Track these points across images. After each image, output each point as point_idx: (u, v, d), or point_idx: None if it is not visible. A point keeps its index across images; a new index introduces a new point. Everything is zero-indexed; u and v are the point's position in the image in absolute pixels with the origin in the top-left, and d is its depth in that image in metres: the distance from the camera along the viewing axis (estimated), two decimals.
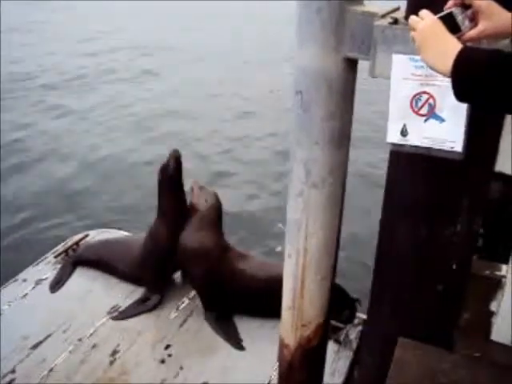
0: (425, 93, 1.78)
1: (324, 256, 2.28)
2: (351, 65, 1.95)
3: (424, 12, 1.46)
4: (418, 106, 1.81)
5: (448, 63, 1.35)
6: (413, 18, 1.48)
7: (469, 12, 1.47)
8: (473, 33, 1.47)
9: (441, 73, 1.40)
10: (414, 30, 1.47)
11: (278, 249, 5.65)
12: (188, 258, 3.84)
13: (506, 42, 1.58)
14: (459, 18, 1.46)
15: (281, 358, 2.64)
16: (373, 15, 1.81)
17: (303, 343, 2.49)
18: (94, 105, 10.36)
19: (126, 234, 4.86)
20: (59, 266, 4.35)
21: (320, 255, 2.27)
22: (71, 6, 18.67)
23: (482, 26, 1.47)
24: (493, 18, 1.47)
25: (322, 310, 2.43)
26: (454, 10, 1.46)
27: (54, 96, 10.80)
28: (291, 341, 2.50)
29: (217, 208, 3.89)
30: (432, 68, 1.44)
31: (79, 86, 11.40)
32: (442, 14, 1.45)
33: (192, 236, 3.81)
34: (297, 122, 2.06)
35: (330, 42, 1.87)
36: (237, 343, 3.63)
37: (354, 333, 3.72)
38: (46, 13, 17.93)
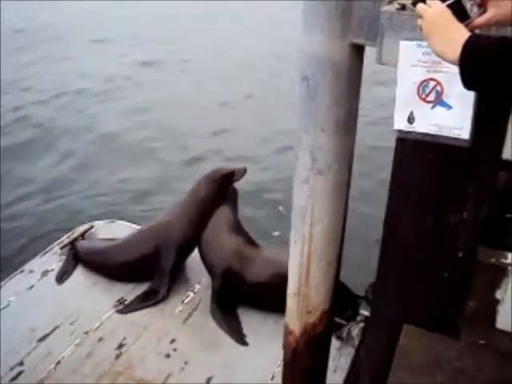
0: (432, 79, 1.77)
1: (329, 243, 2.29)
2: (358, 51, 1.94)
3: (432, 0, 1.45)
4: (425, 92, 1.80)
5: (456, 51, 1.34)
6: (420, 5, 1.47)
7: None
8: (481, 20, 1.46)
9: (449, 61, 1.39)
10: (421, 17, 1.46)
11: (276, 233, 5.65)
12: (210, 253, 3.91)
13: None
14: (468, 5, 1.45)
15: (286, 345, 2.65)
16: (380, 1, 1.79)
17: (308, 330, 2.50)
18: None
19: (131, 225, 4.88)
20: (65, 257, 4.38)
21: (325, 242, 2.27)
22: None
23: (490, 12, 1.46)
24: (501, 4, 1.45)
25: (328, 297, 2.43)
26: None
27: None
28: (296, 327, 2.51)
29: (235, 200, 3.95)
30: (440, 56, 1.43)
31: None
32: (450, 1, 1.44)
33: (216, 232, 3.89)
34: (303, 109, 2.05)
35: (337, 28, 1.86)
36: (240, 338, 3.66)
37: (356, 330, 3.74)
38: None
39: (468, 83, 1.35)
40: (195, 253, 4.13)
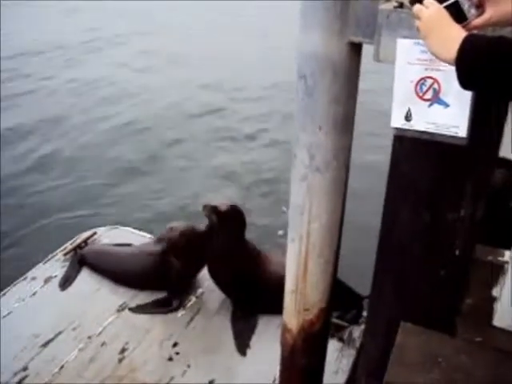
0: (429, 77, 1.78)
1: (327, 240, 2.29)
2: (356, 49, 1.94)
3: (428, 0, 1.45)
4: (422, 90, 1.80)
5: (453, 51, 1.34)
6: (417, 6, 1.47)
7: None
8: (479, 21, 1.46)
9: (445, 61, 1.40)
10: (418, 18, 1.47)
11: (280, 232, 5.66)
12: (215, 263, 3.89)
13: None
14: (465, 6, 1.45)
15: (283, 343, 2.65)
16: None
17: (306, 327, 2.50)
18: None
19: (133, 231, 4.88)
20: (68, 263, 4.39)
21: (323, 240, 2.28)
22: None
23: (488, 13, 1.46)
24: (499, 5, 1.45)
25: (325, 295, 2.44)
26: None
27: None
28: (294, 325, 2.52)
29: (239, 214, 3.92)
30: (437, 56, 1.43)
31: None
32: (447, 2, 1.44)
33: (218, 241, 3.84)
34: (300, 107, 2.05)
35: (335, 26, 1.86)
36: (243, 347, 3.64)
37: (357, 331, 3.74)
38: None
39: (465, 83, 1.35)
40: None
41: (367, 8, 1.82)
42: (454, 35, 1.36)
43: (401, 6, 1.76)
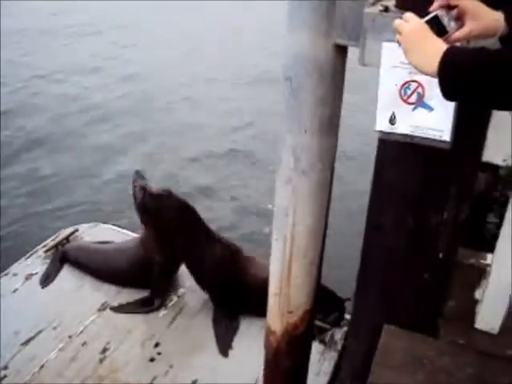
0: (414, 81, 1.78)
1: (311, 242, 2.29)
2: (341, 51, 1.95)
3: (408, 15, 1.46)
4: (406, 94, 1.81)
5: (434, 64, 1.35)
6: (397, 21, 1.48)
7: (454, 12, 1.46)
8: (459, 34, 1.47)
9: (428, 74, 1.41)
10: (399, 33, 1.48)
11: (266, 230, 5.65)
12: (199, 264, 3.88)
13: (493, 40, 1.58)
14: (445, 20, 1.46)
15: (267, 345, 2.65)
16: (363, 2, 1.80)
17: (290, 330, 2.50)
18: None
19: (115, 228, 4.86)
20: (49, 260, 4.35)
21: (307, 242, 2.28)
22: None
23: (468, 27, 1.47)
24: (479, 19, 1.47)
25: (309, 297, 2.44)
26: (439, 12, 1.46)
27: None
28: (277, 327, 2.51)
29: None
30: (419, 70, 1.44)
31: None
32: (427, 17, 1.45)
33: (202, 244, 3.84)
34: (286, 109, 2.05)
35: (321, 28, 1.86)
36: (225, 348, 3.63)
37: (339, 334, 3.75)
38: None
39: (448, 95, 1.36)
40: None
41: (353, 10, 1.82)
42: (436, 48, 1.37)
43: (386, 9, 1.77)
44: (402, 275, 2.36)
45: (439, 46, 1.37)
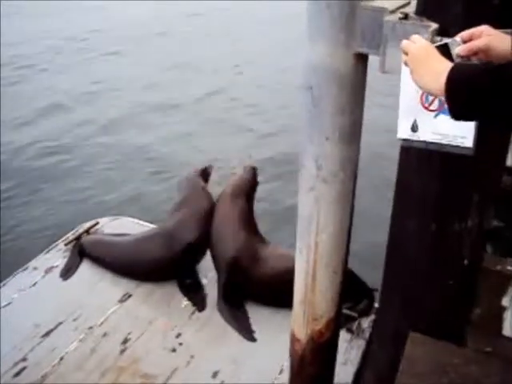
0: None
1: (335, 250, 2.29)
2: (362, 60, 1.95)
3: (416, 36, 1.50)
4: (428, 101, 1.81)
5: (441, 82, 1.35)
6: (405, 41, 1.51)
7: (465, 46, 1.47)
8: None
9: (435, 93, 1.42)
10: (406, 53, 1.49)
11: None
12: (218, 247, 3.90)
13: None
14: (455, 50, 1.46)
15: (292, 352, 2.65)
16: (383, 10, 1.81)
17: (315, 337, 2.50)
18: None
19: (137, 221, 4.83)
20: (69, 253, 4.34)
21: (331, 250, 2.28)
22: None
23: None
24: (491, 54, 1.47)
25: (334, 304, 2.44)
26: (450, 41, 1.47)
27: None
28: (303, 335, 2.51)
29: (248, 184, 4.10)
30: (425, 89, 1.45)
31: None
32: (438, 43, 1.46)
33: (225, 225, 3.91)
34: (307, 118, 2.06)
35: (340, 38, 1.87)
36: (248, 334, 3.63)
37: (366, 322, 3.70)
38: None
39: (456, 113, 1.35)
40: None
41: (372, 19, 1.83)
42: (442, 67, 1.38)
43: (406, 17, 1.77)
44: (427, 283, 2.35)
45: (445, 65, 1.38)
